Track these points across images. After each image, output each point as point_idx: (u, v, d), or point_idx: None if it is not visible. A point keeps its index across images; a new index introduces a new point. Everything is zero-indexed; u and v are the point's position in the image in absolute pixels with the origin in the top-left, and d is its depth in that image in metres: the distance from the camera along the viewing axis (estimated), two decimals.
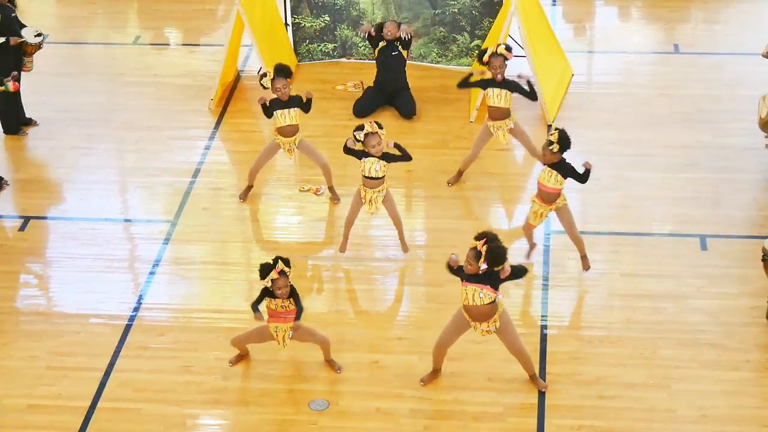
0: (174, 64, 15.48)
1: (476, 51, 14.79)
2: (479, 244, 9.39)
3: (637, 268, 11.55)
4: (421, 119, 14.03)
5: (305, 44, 15.27)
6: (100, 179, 13.15)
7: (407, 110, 13.97)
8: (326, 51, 15.33)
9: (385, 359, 10.54)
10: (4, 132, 13.93)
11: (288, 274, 9.75)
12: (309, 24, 15.13)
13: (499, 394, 10.10)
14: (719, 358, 10.43)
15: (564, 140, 10.80)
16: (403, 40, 13.74)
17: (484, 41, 14.54)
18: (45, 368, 10.53)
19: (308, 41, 15.25)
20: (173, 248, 12.03)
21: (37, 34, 13.49)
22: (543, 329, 10.81)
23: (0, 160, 13.50)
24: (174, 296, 11.43)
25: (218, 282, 11.55)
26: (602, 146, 13.42)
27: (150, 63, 15.52)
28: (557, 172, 10.89)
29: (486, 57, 12.17)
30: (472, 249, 9.43)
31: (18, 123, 13.93)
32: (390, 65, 13.79)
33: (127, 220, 12.54)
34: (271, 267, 9.70)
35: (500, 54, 12.13)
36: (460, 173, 12.82)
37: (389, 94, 14.06)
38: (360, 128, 11.05)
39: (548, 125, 10.74)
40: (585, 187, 12.73)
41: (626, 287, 11.30)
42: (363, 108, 14.09)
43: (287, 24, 15.34)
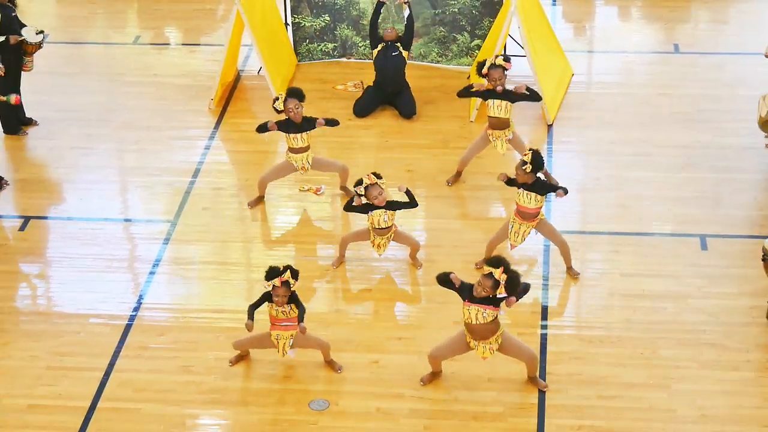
0: (174, 64, 15.48)
1: (477, 51, 14.81)
2: (498, 273, 9.42)
3: (637, 268, 11.54)
4: (422, 119, 14.03)
5: (305, 44, 15.27)
6: (100, 179, 13.15)
7: (407, 110, 13.97)
8: (326, 51, 15.33)
9: (385, 359, 10.54)
10: (5, 132, 13.93)
11: (291, 286, 9.79)
12: (309, 24, 15.13)
13: (500, 394, 10.10)
14: (719, 358, 10.42)
15: (537, 161, 10.86)
16: (404, 40, 13.73)
17: (485, 41, 14.54)
18: (45, 368, 10.53)
19: (308, 41, 15.25)
20: (173, 248, 12.03)
21: (39, 32, 13.48)
22: (543, 329, 10.81)
23: (0, 160, 13.50)
24: (174, 296, 11.43)
25: (218, 282, 11.55)
26: (602, 146, 13.42)
27: (150, 63, 15.52)
28: (535, 193, 10.92)
29: (485, 69, 12.17)
30: (488, 277, 9.45)
31: (18, 123, 13.93)
32: (390, 66, 13.77)
33: (127, 220, 12.54)
34: (279, 273, 9.75)
35: (499, 65, 12.13)
36: (459, 173, 12.83)
37: (389, 94, 14.05)
38: (359, 182, 11.08)
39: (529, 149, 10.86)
40: (585, 187, 12.76)
41: (626, 287, 11.30)
42: (363, 108, 14.08)
43: (287, 24, 15.33)
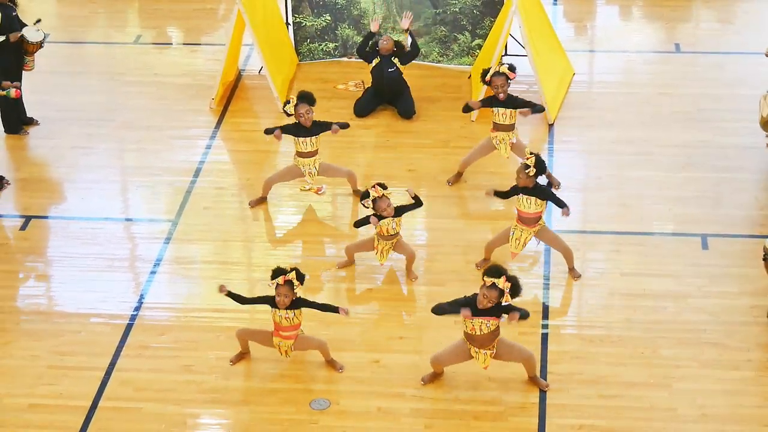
0: (175, 64, 15.48)
1: (478, 50, 14.81)
2: (501, 282, 9.44)
3: (638, 268, 11.54)
4: (422, 119, 14.02)
5: (306, 43, 15.27)
6: (101, 178, 13.15)
7: (406, 111, 13.95)
8: (327, 50, 15.33)
9: (386, 359, 10.54)
10: (5, 131, 13.93)
11: (294, 287, 9.80)
12: (310, 23, 15.13)
13: (501, 394, 10.10)
14: (720, 358, 10.42)
15: (540, 164, 10.87)
16: (401, 53, 13.68)
17: (486, 41, 14.54)
18: (46, 367, 10.53)
19: (309, 40, 15.25)
20: (174, 248, 12.03)
21: (36, 21, 13.45)
22: (544, 328, 10.81)
23: (1, 160, 13.50)
24: (175, 296, 11.44)
25: (219, 281, 11.49)
26: (603, 145, 13.42)
27: (151, 62, 15.52)
28: (535, 197, 10.91)
29: (488, 77, 12.16)
30: (492, 288, 9.47)
31: (19, 122, 13.93)
32: (386, 79, 13.75)
33: (128, 220, 12.54)
34: (284, 273, 9.77)
35: (503, 73, 12.11)
36: (460, 174, 12.83)
37: (388, 97, 14.04)
38: (365, 195, 11.06)
39: (529, 153, 10.85)
40: (586, 187, 12.76)
41: (627, 286, 11.30)
42: (363, 107, 14.07)
43: (288, 23, 15.33)
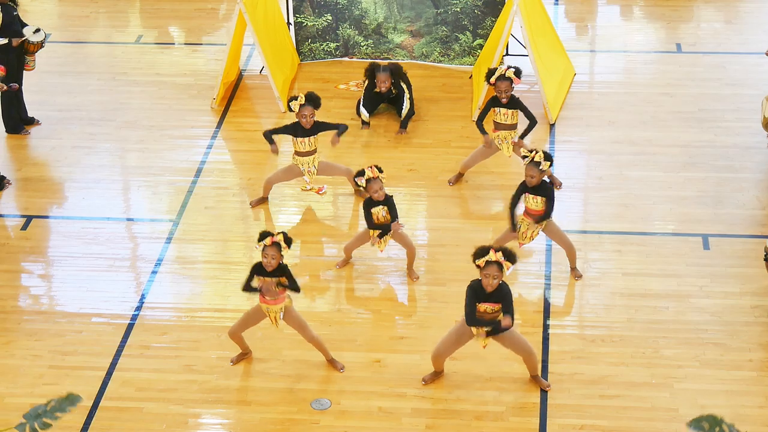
0: (176, 63, 15.49)
1: (479, 50, 14.81)
2: (495, 256, 9.40)
3: (640, 268, 11.55)
4: (424, 118, 14.03)
5: (307, 43, 15.27)
6: (103, 178, 13.16)
7: (403, 122, 13.81)
8: (328, 50, 15.33)
9: (387, 358, 10.54)
10: (7, 131, 13.93)
11: (281, 249, 9.77)
12: (311, 23, 15.13)
13: (501, 393, 10.10)
14: (721, 358, 10.42)
15: (549, 157, 10.84)
16: (399, 82, 13.68)
17: (487, 41, 14.54)
18: (47, 367, 10.53)
19: (310, 40, 15.25)
20: (175, 247, 12.03)
21: (36, 30, 13.48)
22: (545, 329, 10.81)
23: (2, 159, 13.51)
24: (176, 295, 11.44)
25: (220, 281, 11.55)
26: (604, 145, 13.42)
27: (152, 62, 15.52)
28: (540, 197, 10.89)
29: (493, 79, 12.14)
30: (492, 263, 9.40)
31: (20, 122, 13.93)
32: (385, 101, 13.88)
33: (130, 219, 12.55)
34: (270, 235, 9.77)
35: (508, 77, 12.08)
36: (461, 175, 12.83)
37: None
38: (361, 173, 11.05)
39: (528, 151, 10.82)
40: (587, 186, 12.76)
41: (628, 286, 11.30)
42: (364, 107, 14.05)
43: (289, 23, 15.34)
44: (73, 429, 9.89)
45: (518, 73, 12.11)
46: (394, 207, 11.16)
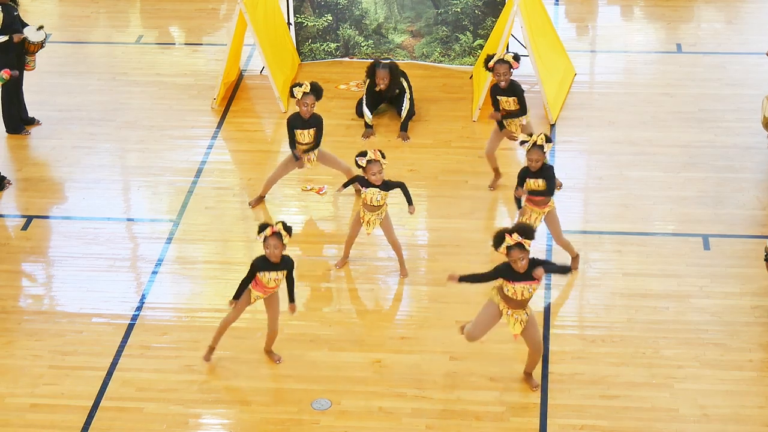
0: (176, 64, 15.49)
1: (479, 50, 14.80)
2: (512, 239, 9.33)
3: (640, 268, 11.54)
4: (424, 119, 14.02)
5: (308, 44, 15.27)
6: (103, 178, 13.16)
7: (403, 125, 13.81)
8: (329, 50, 15.33)
9: (388, 359, 10.54)
10: (7, 131, 13.93)
11: (282, 238, 9.77)
12: (311, 23, 15.13)
13: (502, 394, 10.10)
14: (722, 358, 10.42)
15: (550, 139, 10.83)
16: (397, 80, 13.67)
17: (487, 41, 14.54)
18: (48, 367, 10.53)
19: (311, 41, 15.25)
20: (176, 248, 12.03)
21: (39, 27, 13.48)
22: (546, 329, 10.80)
23: (3, 159, 13.51)
24: (177, 295, 11.44)
25: (221, 281, 11.55)
26: (604, 145, 13.42)
27: (152, 62, 15.52)
28: (541, 178, 10.87)
29: (491, 63, 12.14)
30: (514, 247, 9.33)
31: (21, 122, 13.93)
32: (385, 101, 13.86)
33: (130, 220, 12.55)
34: (268, 225, 9.77)
35: (506, 61, 12.08)
36: (496, 171, 12.69)
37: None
38: (363, 154, 11.03)
39: (527, 136, 10.79)
40: (587, 187, 12.76)
41: (628, 287, 11.30)
42: (367, 107, 14.05)
43: (290, 23, 15.34)
44: (74, 429, 9.89)
45: (516, 57, 12.11)
46: (393, 184, 11.10)
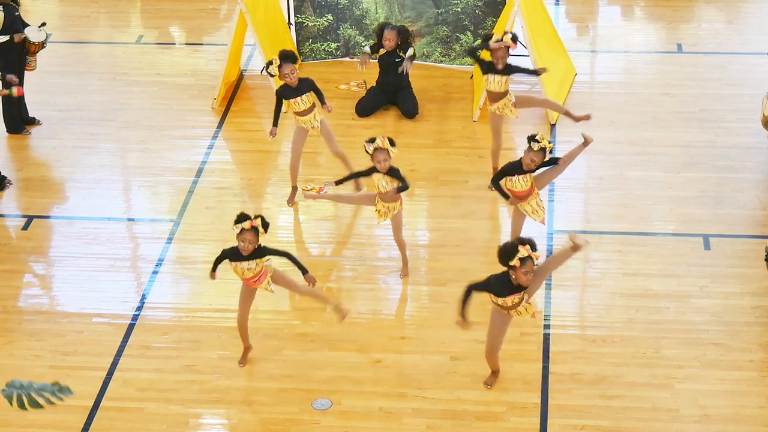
0: (177, 64, 15.49)
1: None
2: (525, 251, 9.18)
3: (640, 268, 11.55)
4: (424, 118, 14.03)
5: (308, 43, 15.27)
6: (103, 178, 13.16)
7: (409, 109, 13.96)
8: (329, 50, 15.33)
9: (388, 359, 10.54)
10: (7, 131, 13.94)
11: (258, 233, 9.74)
12: (312, 23, 15.14)
13: (502, 394, 10.10)
14: (722, 358, 10.43)
15: (550, 143, 10.83)
16: (405, 45, 13.65)
17: None
18: (48, 367, 10.54)
19: (311, 40, 15.25)
20: (176, 247, 12.04)
21: (41, 25, 13.48)
22: (546, 329, 10.81)
23: (3, 160, 13.52)
24: (177, 295, 11.45)
25: (221, 281, 11.53)
26: (605, 145, 13.41)
27: (153, 62, 15.53)
28: (529, 173, 10.82)
29: (491, 42, 12.10)
30: (524, 259, 9.18)
31: (21, 122, 13.94)
32: (391, 70, 13.76)
33: (130, 220, 12.55)
34: (248, 218, 9.73)
35: (505, 42, 12.08)
36: (496, 169, 12.69)
37: (391, 93, 14.05)
38: (371, 141, 10.94)
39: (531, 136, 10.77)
40: (588, 187, 12.77)
41: (629, 287, 11.30)
42: (365, 107, 14.07)
43: (290, 23, 15.34)
44: (74, 429, 9.90)
45: (514, 38, 12.10)
46: (399, 176, 11.00)
